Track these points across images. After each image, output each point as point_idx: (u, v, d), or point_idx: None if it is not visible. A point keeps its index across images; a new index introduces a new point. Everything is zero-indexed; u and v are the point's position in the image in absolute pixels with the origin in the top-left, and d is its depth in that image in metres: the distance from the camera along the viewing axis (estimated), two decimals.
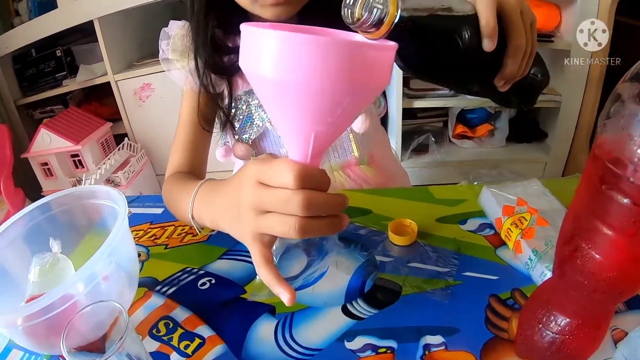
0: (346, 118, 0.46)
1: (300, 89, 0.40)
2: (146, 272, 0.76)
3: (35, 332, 0.56)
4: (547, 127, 2.32)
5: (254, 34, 0.42)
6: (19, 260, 0.69)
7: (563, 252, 0.44)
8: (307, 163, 0.47)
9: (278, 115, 0.46)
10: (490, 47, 0.49)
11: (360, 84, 0.41)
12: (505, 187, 0.77)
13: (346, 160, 1.00)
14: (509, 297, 0.62)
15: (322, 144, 0.47)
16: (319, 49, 0.38)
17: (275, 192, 0.47)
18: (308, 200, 0.45)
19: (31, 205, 0.72)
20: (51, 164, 2.37)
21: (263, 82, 0.43)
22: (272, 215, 0.48)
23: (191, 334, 0.63)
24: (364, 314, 0.62)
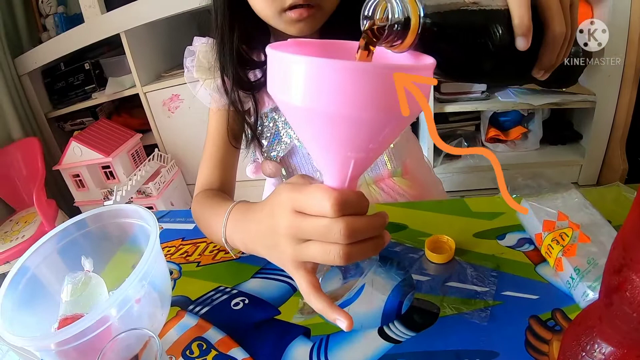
0: (387, 141, 0.44)
1: (337, 118, 0.38)
2: (179, 290, 0.76)
3: (68, 355, 0.56)
4: (581, 128, 2.26)
5: (283, 59, 0.40)
6: (54, 275, 0.70)
7: (611, 282, 0.42)
8: (345, 188, 0.46)
9: (311, 142, 0.45)
10: (524, 46, 0.45)
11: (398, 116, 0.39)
12: (544, 199, 0.74)
13: (379, 174, 0.98)
14: (549, 318, 0.59)
15: (361, 169, 0.46)
16: (356, 76, 0.36)
17: (314, 221, 0.46)
18: (349, 228, 0.44)
19: (60, 226, 0.72)
20: (82, 175, 2.42)
21: (293, 109, 0.41)
22: (313, 244, 0.48)
23: (225, 357, 0.62)
24: (401, 337, 0.60)
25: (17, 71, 2.52)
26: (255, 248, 0.61)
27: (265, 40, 0.85)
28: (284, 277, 0.74)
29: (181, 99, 2.42)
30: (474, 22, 0.45)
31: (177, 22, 2.39)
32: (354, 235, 0.45)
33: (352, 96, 0.36)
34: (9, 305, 0.59)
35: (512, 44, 0.46)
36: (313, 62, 0.37)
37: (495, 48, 0.46)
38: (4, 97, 2.41)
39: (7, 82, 2.42)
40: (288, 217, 0.49)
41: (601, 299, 0.44)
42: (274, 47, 0.42)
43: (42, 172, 2.27)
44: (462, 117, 2.30)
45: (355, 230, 0.45)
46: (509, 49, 0.46)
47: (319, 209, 0.45)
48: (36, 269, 0.67)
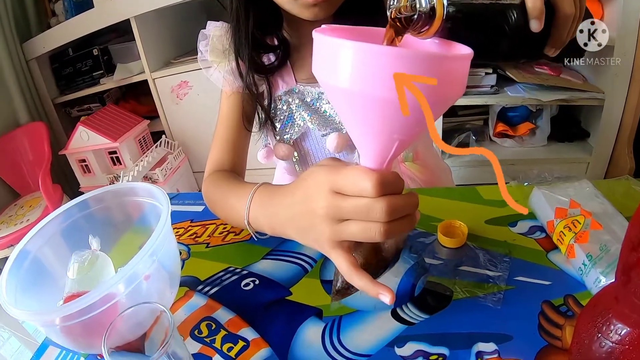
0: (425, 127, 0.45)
1: (389, 102, 0.39)
2: (187, 271, 0.76)
3: (74, 332, 0.56)
4: (589, 126, 2.25)
5: (340, 45, 0.40)
6: (57, 257, 0.70)
7: (629, 258, 0.42)
8: (382, 169, 0.48)
9: (356, 124, 0.46)
10: (538, 28, 0.47)
11: (451, 94, 0.41)
12: (556, 188, 0.74)
13: None
14: (562, 304, 0.59)
15: (402, 150, 0.48)
16: (410, 62, 0.37)
17: (355, 200, 0.48)
18: (391, 207, 0.46)
19: (70, 203, 0.72)
20: (89, 160, 2.42)
21: (340, 91, 0.42)
22: (353, 223, 0.49)
23: (235, 336, 0.62)
24: (415, 319, 0.60)
25: (25, 56, 2.51)
26: (285, 231, 0.61)
27: (278, 25, 0.85)
28: (295, 258, 0.74)
29: (190, 85, 2.42)
30: (493, 9, 0.47)
31: (187, 8, 2.38)
32: (394, 214, 0.47)
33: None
34: (13, 286, 0.59)
35: (527, 26, 0.48)
36: (369, 49, 0.38)
37: (511, 31, 0.48)
38: (12, 82, 2.41)
39: (14, 66, 2.42)
40: (327, 198, 0.50)
41: (618, 277, 0.44)
42: (321, 31, 0.44)
43: (48, 156, 2.27)
44: (471, 111, 2.28)
45: (395, 208, 0.46)
46: (524, 30, 0.48)
47: (359, 189, 0.47)
48: (39, 251, 0.67)
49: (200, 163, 2.68)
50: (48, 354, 0.65)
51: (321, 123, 0.91)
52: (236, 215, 0.71)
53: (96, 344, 0.59)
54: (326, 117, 0.92)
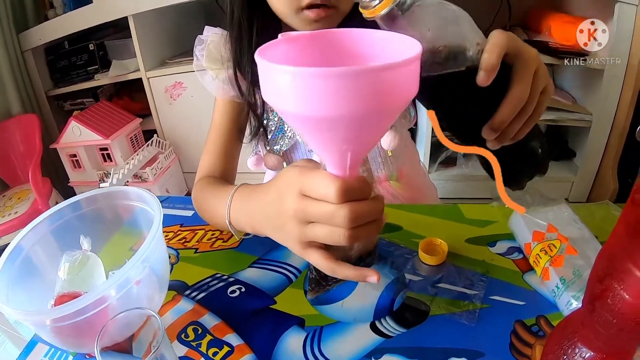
0: (381, 131, 0.47)
1: (325, 121, 0.40)
2: (176, 275, 0.77)
3: (64, 332, 0.57)
4: (575, 146, 2.29)
5: (267, 68, 0.41)
6: (48, 256, 0.70)
7: (595, 289, 0.44)
8: (346, 174, 0.48)
9: (309, 140, 0.46)
10: (483, 81, 0.48)
11: (389, 103, 0.40)
12: (536, 211, 0.76)
13: (376, 176, 1.00)
14: (534, 324, 0.62)
15: (359, 156, 0.48)
16: (337, 81, 0.37)
17: (319, 205, 0.48)
18: (353, 214, 0.46)
19: (63, 203, 0.73)
20: (80, 155, 2.42)
21: (285, 113, 0.43)
22: (319, 226, 0.50)
23: (220, 342, 0.63)
24: (393, 332, 0.62)
25: (20, 46, 2.50)
26: (262, 229, 0.63)
27: None
28: (281, 268, 0.76)
29: (184, 86, 2.42)
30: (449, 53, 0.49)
31: (186, 10, 2.39)
32: (357, 220, 0.47)
33: (336, 100, 0.38)
34: (4, 283, 0.60)
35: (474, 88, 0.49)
36: (296, 72, 0.38)
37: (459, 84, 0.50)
38: (6, 72, 2.40)
39: (9, 56, 2.41)
40: (295, 200, 0.51)
41: (584, 305, 0.46)
42: (262, 51, 0.44)
43: (40, 149, 2.27)
44: None
45: (358, 215, 0.47)
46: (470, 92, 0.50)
47: (323, 194, 0.48)
48: (30, 249, 0.68)
49: (190, 164, 2.68)
50: (37, 351, 0.66)
51: None
52: (220, 217, 0.73)
53: (86, 344, 0.60)
54: None
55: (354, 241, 0.49)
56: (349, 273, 0.51)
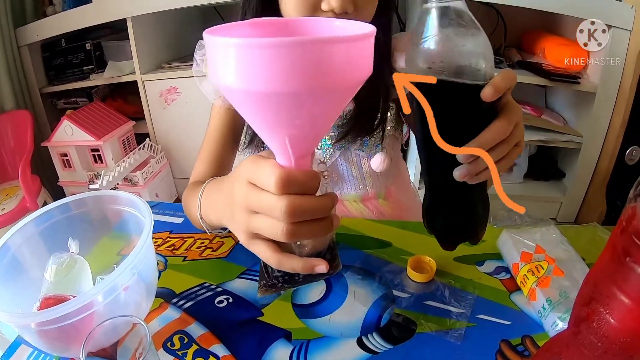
0: (320, 118, 0.44)
1: (254, 95, 0.39)
2: (163, 282, 0.76)
3: (49, 335, 0.57)
4: (565, 167, 2.32)
5: (206, 42, 0.41)
6: (35, 257, 0.70)
7: (581, 312, 0.45)
8: (292, 166, 0.46)
9: (251, 122, 0.45)
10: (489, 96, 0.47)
11: (321, 83, 0.38)
12: (524, 232, 0.77)
13: (366, 194, 1.01)
14: (519, 344, 0.62)
15: (302, 146, 0.46)
16: (262, 52, 0.36)
17: (262, 195, 0.47)
18: (291, 207, 0.45)
19: (52, 204, 0.73)
20: (70, 155, 2.40)
21: (222, 89, 0.42)
22: (261, 217, 0.48)
23: (206, 352, 0.63)
24: (379, 348, 0.63)
25: (17, 41, 2.49)
26: (222, 219, 0.62)
27: None
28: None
29: (179, 92, 2.42)
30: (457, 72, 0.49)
31: (184, 15, 2.40)
32: (296, 215, 0.45)
33: (266, 73, 0.37)
34: None
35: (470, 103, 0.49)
36: (215, 42, 0.38)
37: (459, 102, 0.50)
38: (1, 66, 2.39)
39: (5, 51, 2.40)
40: (243, 188, 0.49)
41: (570, 327, 0.47)
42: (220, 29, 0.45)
43: (31, 146, 2.25)
44: None
45: (297, 209, 0.45)
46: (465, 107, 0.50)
47: (265, 184, 0.46)
48: (17, 249, 0.67)
49: (181, 169, 2.68)
50: (19, 353, 0.65)
51: None
52: (195, 213, 0.73)
53: (70, 348, 0.60)
54: None
55: (294, 238, 0.47)
56: (296, 265, 0.49)
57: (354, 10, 0.71)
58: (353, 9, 0.71)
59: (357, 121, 0.88)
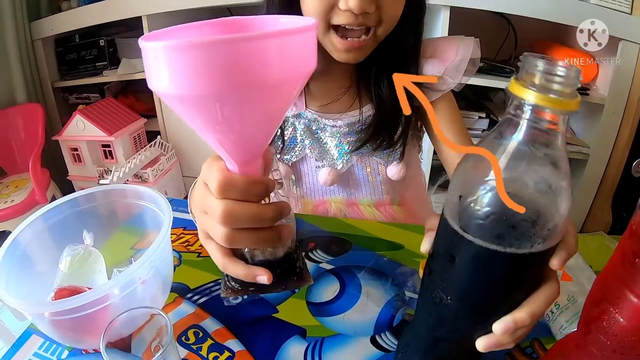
0: (245, 122, 0.41)
1: (166, 97, 0.39)
2: (177, 277, 0.77)
3: (63, 326, 0.58)
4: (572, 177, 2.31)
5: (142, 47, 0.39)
6: (44, 252, 0.71)
7: (591, 312, 0.46)
8: (237, 170, 0.46)
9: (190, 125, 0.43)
10: (557, 265, 0.41)
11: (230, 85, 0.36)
12: None
13: (381, 200, 1.01)
14: (528, 346, 0.64)
15: (239, 151, 0.45)
16: (159, 53, 0.36)
17: (208, 197, 0.47)
18: (225, 212, 0.44)
19: (75, 194, 0.73)
20: (81, 150, 2.41)
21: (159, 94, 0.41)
22: (209, 219, 0.48)
23: (221, 346, 0.64)
24: (392, 347, 0.64)
25: (31, 35, 2.50)
26: None
27: None
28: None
29: None
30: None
31: (199, 15, 2.40)
32: (231, 221, 0.45)
33: (164, 74, 0.36)
34: (4, 276, 0.60)
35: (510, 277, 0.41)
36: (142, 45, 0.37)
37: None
38: (14, 59, 2.40)
39: (19, 44, 2.41)
40: (199, 188, 0.50)
41: (580, 328, 0.48)
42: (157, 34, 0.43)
43: (42, 139, 2.26)
44: None
45: (232, 215, 0.45)
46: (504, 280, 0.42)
47: (211, 187, 0.46)
48: (28, 243, 0.68)
49: (191, 168, 2.68)
50: (30, 343, 0.66)
51: (319, 154, 0.94)
52: (189, 208, 0.73)
53: (84, 339, 0.62)
54: (325, 149, 0.94)
55: (232, 244, 0.47)
56: (239, 271, 0.49)
57: (376, 10, 0.70)
58: (375, 9, 0.69)
59: (376, 129, 0.88)
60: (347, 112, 0.91)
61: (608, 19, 1.77)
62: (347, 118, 0.91)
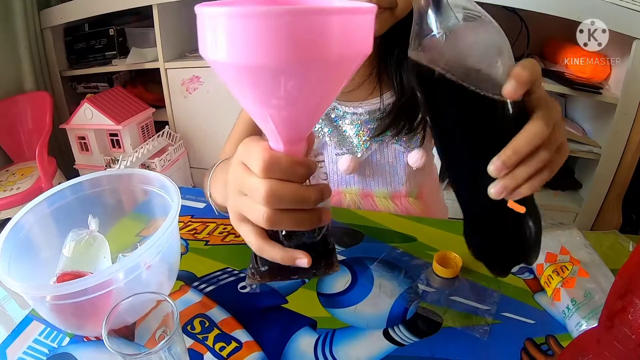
0: (301, 100, 0.40)
1: (228, 67, 0.37)
2: (184, 265, 0.76)
3: (65, 311, 0.57)
4: (582, 178, 2.29)
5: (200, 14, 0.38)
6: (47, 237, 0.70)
7: (615, 305, 0.45)
8: (281, 150, 0.44)
9: (238, 98, 0.42)
10: (510, 92, 0.42)
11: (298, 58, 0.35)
12: (548, 233, 0.76)
13: (397, 191, 1.00)
14: (543, 343, 0.62)
15: (289, 129, 0.43)
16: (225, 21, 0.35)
17: (249, 177, 0.45)
18: (270, 192, 0.43)
19: (81, 177, 0.72)
20: (88, 139, 2.40)
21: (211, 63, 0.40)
22: (247, 199, 0.47)
23: (228, 337, 0.63)
24: (405, 340, 0.62)
25: (40, 23, 2.50)
26: (223, 199, 0.61)
27: None
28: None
29: (201, 81, 2.41)
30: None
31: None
32: (275, 201, 0.43)
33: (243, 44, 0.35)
34: (6, 260, 0.59)
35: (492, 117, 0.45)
36: (200, 12, 0.37)
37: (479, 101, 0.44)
38: (23, 47, 2.40)
39: (29, 32, 2.40)
40: (236, 169, 0.48)
41: (602, 322, 0.46)
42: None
43: (49, 127, 2.27)
44: None
45: (276, 195, 0.43)
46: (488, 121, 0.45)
47: (252, 166, 0.45)
48: (31, 227, 0.67)
49: (199, 159, 2.67)
50: (31, 329, 0.65)
51: (338, 142, 0.93)
52: (207, 193, 0.72)
53: (85, 325, 0.61)
54: (344, 137, 0.93)
55: (273, 225, 0.45)
56: (277, 254, 0.47)
57: None
58: None
59: (397, 115, 0.88)
60: (368, 100, 0.91)
61: (622, 17, 1.75)
62: (367, 106, 0.91)
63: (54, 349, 0.62)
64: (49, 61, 2.61)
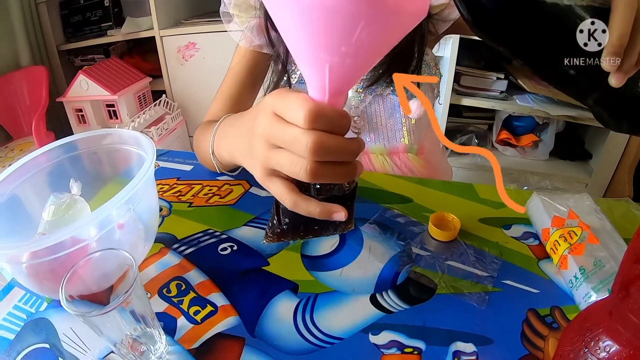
0: (365, 49, 0.40)
1: (306, 8, 0.36)
2: (165, 227, 0.73)
3: (39, 273, 0.55)
4: (592, 148, 2.24)
5: None
6: (37, 196, 0.68)
7: (630, 273, 0.40)
8: (325, 101, 0.43)
9: (293, 45, 0.42)
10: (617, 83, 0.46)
11: (375, 5, 0.35)
12: (556, 196, 0.71)
13: (395, 146, 0.96)
14: (547, 314, 0.57)
15: (340, 80, 0.42)
16: None
17: (288, 128, 0.44)
18: (317, 144, 0.42)
19: (55, 143, 0.71)
20: (85, 110, 2.39)
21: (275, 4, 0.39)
22: (282, 152, 0.46)
23: (203, 300, 0.59)
24: (394, 307, 0.58)
25: None
26: (234, 155, 0.60)
27: None
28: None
29: (197, 48, 2.40)
30: None
31: None
32: (321, 153, 0.43)
33: None
34: None
35: None
36: None
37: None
38: (18, 22, 2.37)
39: (23, 7, 2.37)
40: (267, 120, 0.47)
41: (615, 292, 0.41)
42: None
43: (45, 102, 2.24)
44: (477, 114, 2.26)
45: (323, 146, 0.42)
46: None
47: (293, 117, 0.43)
48: (19, 188, 0.66)
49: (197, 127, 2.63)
50: (12, 295, 0.63)
51: None
52: (206, 150, 0.71)
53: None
54: None
55: (315, 178, 0.44)
56: (313, 208, 0.47)
57: None
58: None
59: (390, 64, 0.85)
60: None
61: None
62: None
63: (32, 314, 0.60)
64: (45, 36, 2.58)
